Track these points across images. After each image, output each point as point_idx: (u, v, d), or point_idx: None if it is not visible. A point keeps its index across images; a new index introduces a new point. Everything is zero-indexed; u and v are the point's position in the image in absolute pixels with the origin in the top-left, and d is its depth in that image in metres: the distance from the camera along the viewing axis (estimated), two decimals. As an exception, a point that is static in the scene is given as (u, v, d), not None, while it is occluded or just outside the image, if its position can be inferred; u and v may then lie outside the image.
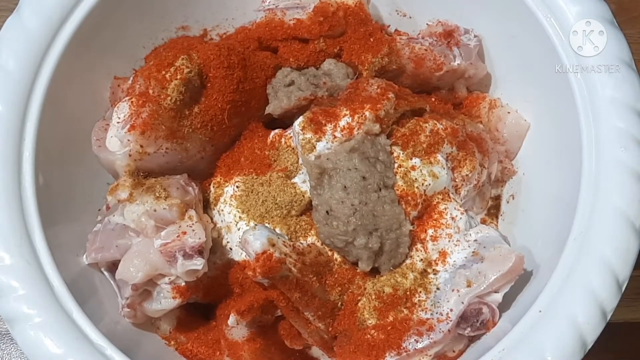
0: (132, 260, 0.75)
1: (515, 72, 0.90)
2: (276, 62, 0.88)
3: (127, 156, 0.79)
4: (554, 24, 0.80)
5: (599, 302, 0.69)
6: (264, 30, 0.88)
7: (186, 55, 0.80)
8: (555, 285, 0.71)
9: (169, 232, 0.75)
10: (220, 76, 0.81)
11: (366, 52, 0.87)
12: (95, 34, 0.83)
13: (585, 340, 0.68)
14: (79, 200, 0.83)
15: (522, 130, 0.89)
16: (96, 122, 0.84)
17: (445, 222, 0.80)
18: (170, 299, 0.77)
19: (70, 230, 0.80)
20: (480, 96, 0.93)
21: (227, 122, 0.83)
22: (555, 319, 0.69)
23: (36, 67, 0.78)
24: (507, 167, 0.90)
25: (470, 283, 0.75)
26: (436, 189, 0.81)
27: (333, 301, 0.78)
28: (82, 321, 0.71)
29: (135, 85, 0.82)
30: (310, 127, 0.80)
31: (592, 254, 0.71)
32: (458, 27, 0.90)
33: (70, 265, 0.77)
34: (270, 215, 0.80)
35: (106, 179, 0.85)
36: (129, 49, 0.90)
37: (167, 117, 0.79)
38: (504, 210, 0.91)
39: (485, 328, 0.75)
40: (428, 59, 0.88)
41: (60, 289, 0.72)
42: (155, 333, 0.82)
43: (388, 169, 0.79)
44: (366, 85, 0.83)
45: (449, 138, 0.83)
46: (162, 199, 0.77)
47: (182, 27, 0.94)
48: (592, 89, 0.77)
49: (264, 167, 0.84)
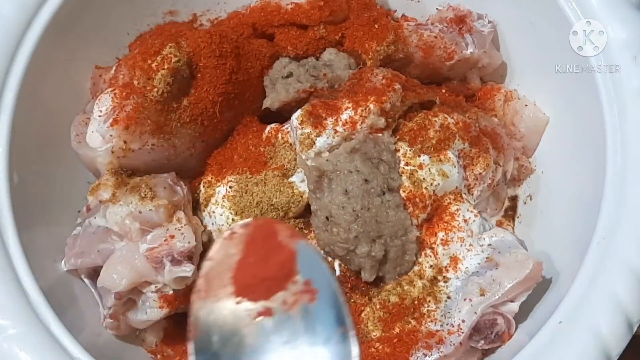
0: (116, 266, 0.75)
1: (533, 61, 0.90)
2: (272, 51, 0.88)
3: (110, 153, 0.79)
4: (575, 9, 0.80)
5: (624, 311, 0.68)
6: (259, 15, 0.89)
7: (174, 42, 0.80)
8: (577, 294, 0.70)
9: (156, 235, 0.75)
10: (212, 66, 0.81)
11: (370, 39, 0.87)
12: (74, 19, 0.83)
13: (609, 353, 0.67)
14: (57, 201, 0.83)
15: (540, 125, 0.89)
16: (76, 116, 0.84)
17: (457, 224, 0.80)
18: (156, 309, 0.77)
19: (47, 234, 0.79)
20: (495, 87, 0.93)
21: (218, 116, 0.83)
22: (577, 331, 0.68)
23: (10, 56, 0.78)
24: (524, 164, 0.90)
25: (483, 291, 0.74)
26: (447, 188, 0.81)
27: (334, 311, 0.78)
28: (60, 333, 0.71)
29: (118, 75, 0.82)
30: (310, 121, 0.79)
31: (617, 259, 0.70)
32: (471, 12, 0.91)
33: (48, 271, 0.77)
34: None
35: (87, 178, 0.85)
36: (112, 36, 0.90)
37: (154, 110, 0.79)
38: (520, 212, 0.91)
39: (500, 340, 0.75)
40: (438, 47, 0.88)
41: (37, 297, 0.72)
42: (140, 346, 0.82)
43: (392, 170, 0.79)
44: (370, 76, 0.83)
45: (461, 133, 0.83)
46: (147, 200, 0.77)
47: (170, 12, 0.94)
48: (616, 81, 0.77)
49: (259, 165, 0.84)
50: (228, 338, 0.59)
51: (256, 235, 0.61)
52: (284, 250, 0.60)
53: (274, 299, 0.59)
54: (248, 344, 0.58)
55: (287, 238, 0.60)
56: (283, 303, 0.59)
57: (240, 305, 0.59)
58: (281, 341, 0.58)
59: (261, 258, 0.60)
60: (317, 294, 0.59)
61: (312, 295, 0.59)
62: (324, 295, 0.59)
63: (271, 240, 0.60)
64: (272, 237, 0.61)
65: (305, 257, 0.60)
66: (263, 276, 0.60)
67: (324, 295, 0.59)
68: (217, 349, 0.58)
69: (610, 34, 0.78)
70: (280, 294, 0.59)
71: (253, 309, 0.59)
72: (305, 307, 0.59)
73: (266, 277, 0.60)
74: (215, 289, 0.59)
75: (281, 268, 0.59)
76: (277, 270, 0.59)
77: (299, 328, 0.58)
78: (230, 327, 0.59)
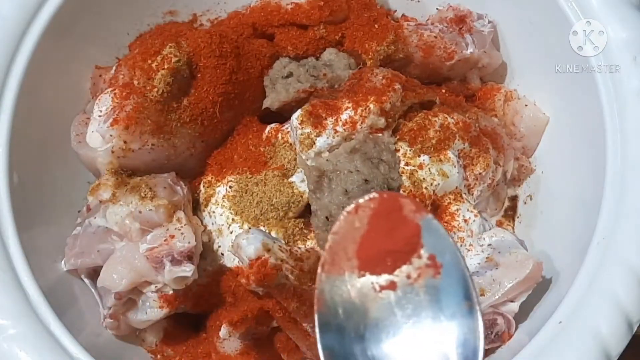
0: (116, 266, 0.75)
1: (533, 61, 0.90)
2: (272, 51, 0.88)
3: (110, 153, 0.79)
4: (575, 9, 0.80)
5: (624, 312, 0.68)
6: (259, 15, 0.89)
7: (174, 42, 0.80)
8: (577, 294, 0.70)
9: (156, 235, 0.75)
10: (212, 66, 0.81)
11: (370, 39, 0.87)
12: (74, 19, 0.83)
13: (609, 353, 0.67)
14: (57, 201, 0.83)
15: (540, 125, 0.89)
16: (76, 116, 0.84)
17: (457, 224, 0.80)
18: (156, 309, 0.77)
19: (47, 234, 0.80)
20: (495, 88, 0.93)
21: (218, 116, 0.83)
22: (577, 331, 0.68)
23: (10, 57, 0.78)
24: (524, 164, 0.90)
25: (483, 291, 0.75)
26: (447, 189, 0.81)
27: (334, 311, 0.78)
28: (60, 333, 0.71)
29: (118, 75, 0.83)
30: (310, 120, 0.80)
31: (617, 259, 0.70)
32: (471, 12, 0.90)
33: (48, 271, 0.77)
34: (266, 218, 0.80)
35: (87, 178, 0.85)
36: (112, 36, 0.90)
37: (154, 110, 0.79)
38: (520, 212, 0.91)
39: (500, 340, 0.75)
40: (438, 47, 0.88)
41: (37, 297, 0.72)
42: (140, 346, 0.82)
43: (392, 170, 0.79)
44: (370, 76, 0.83)
45: (461, 133, 0.83)
46: (147, 200, 0.77)
47: (170, 12, 0.94)
48: (616, 81, 0.77)
49: (259, 165, 0.84)
50: (352, 311, 0.59)
51: (381, 209, 0.60)
52: (409, 225, 0.59)
53: (398, 273, 0.59)
54: (372, 318, 0.58)
55: (412, 212, 0.60)
56: (407, 277, 0.59)
57: (365, 279, 0.59)
58: (405, 315, 0.58)
59: (386, 232, 0.60)
60: (442, 269, 0.58)
61: (437, 270, 0.58)
62: (449, 270, 0.58)
63: (396, 214, 0.60)
64: (397, 211, 0.60)
65: (430, 231, 0.59)
66: (387, 250, 0.59)
67: (448, 270, 0.58)
68: (341, 322, 0.58)
69: (610, 34, 0.78)
70: (404, 268, 0.59)
71: (377, 282, 0.59)
72: (430, 281, 0.58)
73: (390, 250, 0.59)
74: (340, 263, 0.59)
75: (406, 242, 0.59)
76: (401, 244, 0.59)
77: (423, 302, 0.58)
78: (355, 300, 0.59)
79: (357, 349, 0.58)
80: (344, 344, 0.58)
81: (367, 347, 0.58)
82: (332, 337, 0.58)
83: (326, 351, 0.58)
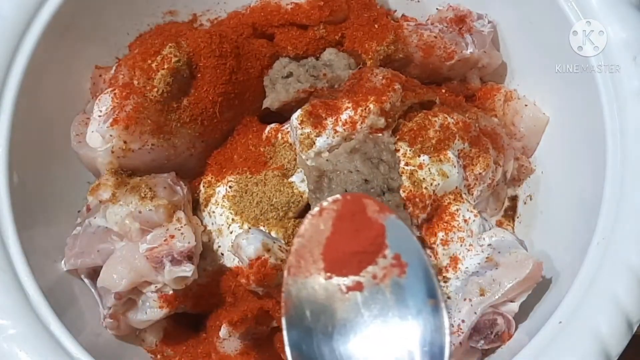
0: (115, 266, 0.75)
1: (533, 61, 0.90)
2: (272, 51, 0.88)
3: (110, 153, 0.79)
4: (575, 9, 0.80)
5: (624, 312, 0.69)
6: (259, 15, 0.89)
7: (174, 42, 0.80)
8: (577, 294, 0.71)
9: (156, 235, 0.75)
10: (211, 66, 0.81)
11: (370, 39, 0.87)
12: (74, 19, 0.84)
13: (609, 353, 0.68)
14: (57, 201, 0.83)
15: (540, 125, 0.89)
16: (76, 116, 0.84)
17: (457, 224, 0.80)
18: (156, 309, 0.77)
19: (47, 234, 0.80)
20: (495, 88, 0.93)
21: (218, 116, 0.83)
22: (577, 331, 0.69)
23: (10, 56, 0.78)
24: (524, 164, 0.91)
25: (483, 291, 0.75)
26: (447, 188, 0.81)
27: (334, 311, 0.79)
28: (60, 333, 0.71)
29: (118, 75, 0.83)
30: (310, 120, 0.80)
31: (617, 259, 0.71)
32: (470, 12, 0.91)
33: (48, 271, 0.77)
34: (266, 218, 0.80)
35: (87, 178, 0.85)
36: (112, 36, 0.90)
37: (153, 110, 0.79)
38: (520, 212, 0.91)
39: (500, 340, 0.75)
40: (438, 47, 0.89)
41: (37, 297, 0.72)
42: (140, 346, 0.82)
43: (392, 170, 0.79)
44: (370, 76, 0.83)
45: (461, 133, 0.83)
46: (147, 200, 0.77)
47: (170, 12, 0.94)
48: (616, 81, 0.77)
49: (259, 165, 0.84)
50: (319, 313, 0.59)
51: (345, 210, 0.61)
52: (373, 225, 0.60)
53: (364, 273, 0.59)
54: (339, 319, 0.59)
55: (376, 213, 0.61)
56: (373, 277, 0.59)
57: (331, 281, 0.60)
58: (372, 315, 0.59)
59: (351, 233, 0.60)
60: (407, 268, 0.59)
61: (402, 269, 0.59)
62: (414, 269, 0.59)
63: (360, 215, 0.61)
64: (361, 212, 0.61)
65: (394, 231, 0.60)
66: (353, 251, 0.60)
67: (413, 269, 0.59)
68: (309, 324, 0.59)
69: (610, 34, 0.78)
70: (370, 269, 0.59)
71: (344, 284, 0.59)
72: (396, 280, 0.59)
73: (356, 252, 0.60)
74: (306, 265, 0.60)
75: (371, 243, 0.60)
76: (366, 245, 0.60)
77: (389, 302, 0.59)
78: (322, 302, 0.59)
79: (326, 349, 0.59)
80: (312, 344, 0.59)
81: (336, 347, 0.59)
82: (300, 338, 0.59)
83: (294, 352, 0.58)
